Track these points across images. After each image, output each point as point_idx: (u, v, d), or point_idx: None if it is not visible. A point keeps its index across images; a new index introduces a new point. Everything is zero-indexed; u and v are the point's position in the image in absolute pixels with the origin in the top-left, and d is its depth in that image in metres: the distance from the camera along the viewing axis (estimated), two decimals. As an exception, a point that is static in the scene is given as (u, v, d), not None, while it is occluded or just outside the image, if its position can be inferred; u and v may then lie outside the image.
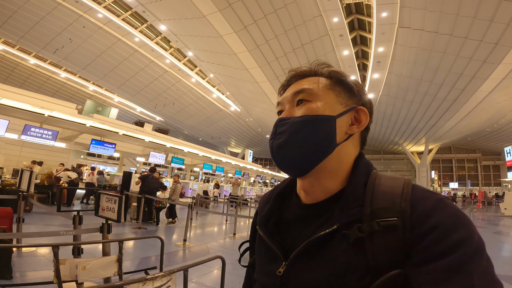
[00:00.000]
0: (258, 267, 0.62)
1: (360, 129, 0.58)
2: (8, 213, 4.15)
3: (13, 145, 10.63)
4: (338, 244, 0.47)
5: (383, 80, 16.32)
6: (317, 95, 0.57)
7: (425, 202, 0.45)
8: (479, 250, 0.40)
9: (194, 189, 17.03)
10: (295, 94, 0.58)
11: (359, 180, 0.52)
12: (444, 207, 0.44)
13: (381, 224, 0.44)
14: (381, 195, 0.48)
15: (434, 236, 0.41)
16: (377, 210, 0.46)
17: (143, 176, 7.97)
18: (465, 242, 0.40)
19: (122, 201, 2.77)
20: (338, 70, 0.62)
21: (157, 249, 4.55)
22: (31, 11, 13.90)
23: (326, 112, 0.54)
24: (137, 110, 28.39)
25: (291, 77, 0.63)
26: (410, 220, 0.44)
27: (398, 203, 0.46)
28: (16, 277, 3.15)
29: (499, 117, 20.45)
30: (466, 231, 0.41)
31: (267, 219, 0.60)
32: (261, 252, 0.61)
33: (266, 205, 0.63)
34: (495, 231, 9.64)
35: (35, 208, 7.26)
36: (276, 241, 0.57)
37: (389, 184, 0.50)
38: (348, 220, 0.47)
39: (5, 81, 20.93)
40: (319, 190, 0.55)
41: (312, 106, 0.55)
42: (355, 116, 0.58)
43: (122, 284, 1.60)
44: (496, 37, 10.94)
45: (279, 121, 0.57)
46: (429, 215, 0.43)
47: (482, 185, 34.08)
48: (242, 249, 0.72)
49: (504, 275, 4.49)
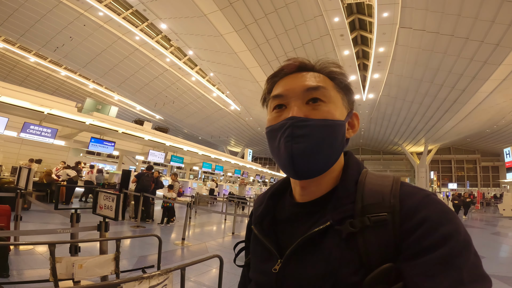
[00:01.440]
0: (253, 266, 0.62)
1: (355, 133, 0.59)
2: (6, 210, 4.13)
3: (12, 143, 10.61)
4: (332, 240, 0.48)
5: (384, 80, 16.32)
6: (330, 96, 0.54)
7: (413, 198, 0.46)
8: (466, 244, 0.41)
9: (193, 188, 17.03)
10: (309, 90, 0.53)
11: (350, 178, 0.54)
12: (431, 202, 0.45)
13: (372, 219, 0.46)
14: (371, 192, 0.49)
15: (423, 230, 0.42)
16: (368, 206, 0.48)
17: (138, 174, 8.03)
18: (452, 236, 0.41)
19: (120, 199, 2.76)
20: (342, 71, 0.58)
21: (155, 248, 4.55)
22: (32, 9, 13.87)
23: (339, 117, 0.54)
24: (137, 108, 28.36)
25: (290, 66, 0.57)
26: (399, 215, 0.45)
27: (388, 199, 0.47)
28: (13, 275, 3.14)
29: (499, 118, 20.46)
30: (453, 225, 0.42)
31: (262, 218, 0.61)
32: (257, 251, 0.61)
33: (260, 205, 0.64)
34: (493, 232, 9.66)
35: (33, 206, 7.26)
36: (271, 240, 0.57)
37: (379, 182, 0.51)
38: (340, 217, 0.49)
39: (5, 79, 20.89)
40: (315, 190, 0.56)
41: (329, 109, 0.53)
42: (349, 121, 0.59)
43: (118, 282, 1.59)
44: (497, 38, 10.94)
45: (298, 121, 0.51)
46: (417, 210, 0.44)
47: (481, 186, 34.12)
48: (237, 249, 0.73)
49: (502, 275, 4.49)
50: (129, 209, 8.04)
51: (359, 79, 16.85)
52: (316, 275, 0.48)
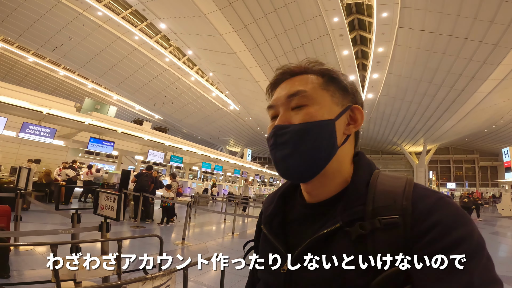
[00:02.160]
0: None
1: (357, 128, 0.57)
2: (6, 211, 4.12)
3: (11, 143, 10.56)
4: (341, 241, 0.48)
5: (383, 80, 16.36)
6: (312, 97, 0.54)
7: (426, 200, 0.45)
8: (479, 248, 0.41)
9: (193, 187, 17.03)
10: (290, 97, 0.55)
11: (361, 180, 0.53)
12: (445, 205, 0.44)
13: (382, 221, 0.45)
14: (383, 193, 0.49)
15: (435, 233, 0.41)
16: (379, 208, 0.47)
17: (138, 174, 8.05)
18: (465, 239, 0.40)
19: (122, 199, 2.75)
20: (329, 68, 0.59)
21: (155, 248, 4.54)
22: (30, 8, 13.83)
23: (325, 116, 0.53)
24: (136, 108, 28.33)
25: (280, 75, 0.61)
26: (411, 218, 0.44)
27: (400, 201, 0.46)
28: (13, 275, 3.13)
29: (498, 118, 20.54)
30: (466, 229, 0.42)
31: (272, 218, 0.61)
32: (266, 251, 0.61)
33: (270, 205, 0.64)
34: (492, 231, 9.70)
35: (32, 206, 7.23)
36: (281, 240, 0.57)
37: (391, 183, 0.50)
38: (350, 219, 0.48)
39: (4, 78, 20.85)
40: (322, 191, 0.56)
41: (310, 111, 0.53)
42: (351, 115, 0.57)
43: (121, 284, 1.59)
44: (496, 38, 10.98)
45: (278, 129, 0.54)
46: (430, 213, 0.43)
47: (479, 186, 34.25)
48: (246, 248, 0.73)
49: (502, 275, 4.50)
50: (129, 209, 8.03)
51: (358, 79, 16.88)
52: (324, 276, 0.48)
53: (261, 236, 0.66)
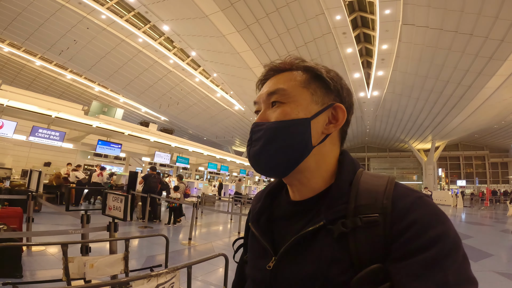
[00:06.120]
0: (250, 263, 0.64)
1: (337, 127, 0.57)
2: (18, 213, 4.26)
3: (22, 146, 10.80)
4: (324, 239, 0.49)
5: (388, 77, 16.20)
6: (290, 96, 0.55)
7: (405, 199, 0.47)
8: (455, 246, 0.42)
9: (199, 188, 17.16)
10: (269, 94, 0.57)
11: (344, 178, 0.54)
12: (423, 204, 0.45)
13: (363, 220, 0.46)
14: (365, 192, 0.50)
15: (412, 232, 0.43)
16: (360, 206, 0.48)
17: (145, 176, 8.14)
18: (441, 238, 0.42)
19: (128, 200, 2.83)
20: (313, 65, 0.59)
21: (162, 248, 4.62)
22: (35, 12, 14.01)
23: (300, 115, 0.54)
24: (142, 110, 28.62)
25: (267, 72, 0.62)
26: (390, 216, 0.45)
27: (380, 200, 0.48)
28: (26, 275, 3.24)
29: (507, 113, 20.15)
30: (443, 227, 0.43)
31: (259, 216, 0.62)
32: (253, 248, 0.63)
33: (258, 203, 0.65)
34: (502, 229, 9.54)
35: (44, 208, 7.42)
36: (268, 237, 0.58)
37: (374, 182, 0.51)
38: (334, 217, 0.49)
39: (12, 82, 21.19)
40: (303, 189, 0.57)
41: (286, 109, 0.55)
42: (333, 114, 0.57)
43: (128, 281, 1.66)
44: (501, 34, 10.80)
45: (255, 126, 0.57)
46: (408, 212, 0.45)
47: (490, 183, 33.56)
48: (235, 246, 0.76)
49: (510, 273, 4.46)
50: (136, 210, 8.16)
51: (363, 77, 16.75)
52: (307, 274, 0.49)
53: (249, 234, 0.67)
